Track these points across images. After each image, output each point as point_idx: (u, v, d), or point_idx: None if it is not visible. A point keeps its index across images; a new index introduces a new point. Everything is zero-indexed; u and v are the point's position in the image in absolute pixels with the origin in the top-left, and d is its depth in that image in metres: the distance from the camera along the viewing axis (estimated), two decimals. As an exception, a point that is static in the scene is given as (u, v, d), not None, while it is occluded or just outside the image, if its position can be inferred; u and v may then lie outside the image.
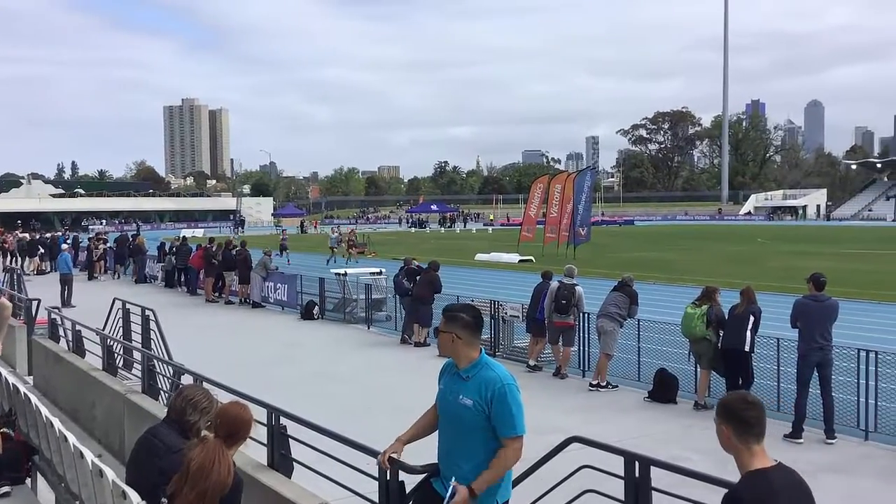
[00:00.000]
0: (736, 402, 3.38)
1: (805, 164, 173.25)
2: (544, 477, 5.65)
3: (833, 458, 9.33)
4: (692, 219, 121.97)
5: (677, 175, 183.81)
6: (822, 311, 10.16)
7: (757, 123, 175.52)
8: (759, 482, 3.20)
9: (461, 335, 4.49)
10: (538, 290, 14.54)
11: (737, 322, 11.17)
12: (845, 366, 10.52)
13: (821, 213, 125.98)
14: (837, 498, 7.91)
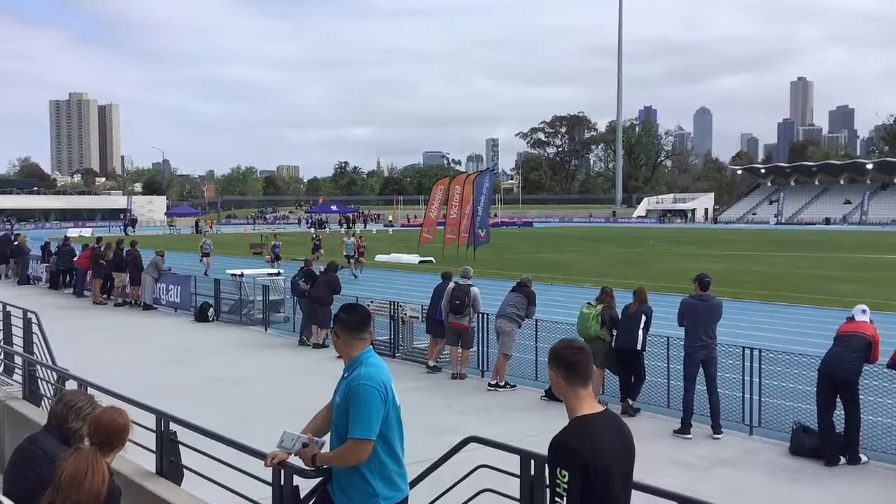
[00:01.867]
0: (563, 347, 3.49)
1: (694, 168, 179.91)
2: (442, 477, 5.63)
3: (721, 453, 9.66)
4: (588, 221, 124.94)
5: (574, 178, 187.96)
6: (707, 310, 10.52)
7: (649, 129, 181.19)
8: (583, 426, 3.30)
9: (339, 334, 4.48)
10: (438, 291, 14.56)
11: (629, 322, 11.46)
12: (731, 363, 10.93)
13: (708, 216, 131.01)
14: (728, 491, 8.19)
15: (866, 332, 9.39)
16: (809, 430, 9.50)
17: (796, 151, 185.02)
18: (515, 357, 13.31)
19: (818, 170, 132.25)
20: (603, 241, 63.94)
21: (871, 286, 27.84)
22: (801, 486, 8.53)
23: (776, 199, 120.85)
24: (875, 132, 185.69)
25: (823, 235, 74.42)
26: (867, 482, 8.64)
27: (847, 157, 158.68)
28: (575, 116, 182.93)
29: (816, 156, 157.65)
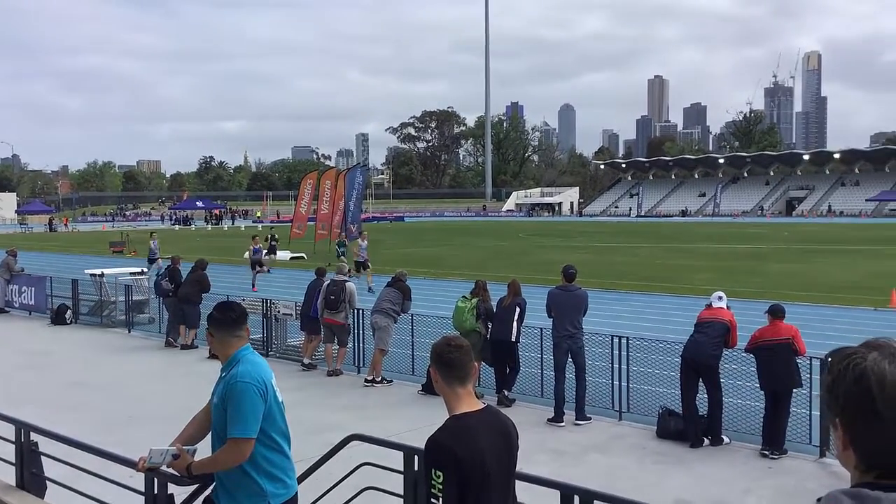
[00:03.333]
0: (441, 345, 3.48)
1: (560, 163, 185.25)
2: (324, 476, 5.54)
3: (593, 439, 9.97)
4: (459, 215, 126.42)
5: (444, 172, 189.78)
6: (572, 300, 10.83)
7: (516, 125, 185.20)
8: (459, 425, 3.30)
9: (214, 333, 4.40)
10: (312, 288, 14.36)
11: (504, 314, 11.65)
12: (600, 351, 11.29)
13: (574, 210, 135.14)
14: (599, 475, 8.45)
15: (724, 318, 9.92)
16: (675, 413, 9.94)
17: (654, 147, 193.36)
18: (392, 352, 13.29)
19: (674, 164, 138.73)
20: (474, 234, 64.80)
21: (726, 274, 29.42)
22: (668, 467, 8.90)
23: (636, 193, 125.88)
24: (726, 128, 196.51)
25: (680, 227, 78.13)
26: (729, 461, 9.12)
27: (701, 153, 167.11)
28: (444, 112, 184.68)
29: (672, 151, 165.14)
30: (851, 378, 1.64)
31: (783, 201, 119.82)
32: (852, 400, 1.64)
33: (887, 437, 1.60)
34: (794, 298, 20.90)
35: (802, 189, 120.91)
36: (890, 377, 1.60)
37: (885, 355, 1.64)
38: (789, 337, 9.38)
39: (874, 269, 31.67)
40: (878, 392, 1.60)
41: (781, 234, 59.77)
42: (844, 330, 17.23)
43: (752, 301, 18.40)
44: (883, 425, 1.60)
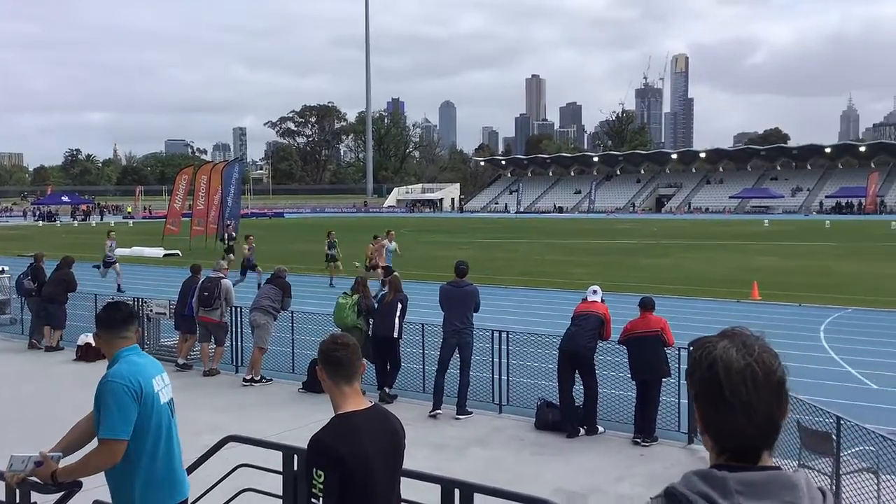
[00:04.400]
0: (327, 343, 3.45)
1: (441, 160, 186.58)
2: (200, 480, 5.37)
3: (473, 432, 10.08)
4: (340, 211, 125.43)
5: (325, 168, 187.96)
6: (461, 296, 10.93)
7: (398, 121, 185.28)
8: (343, 424, 3.27)
9: (100, 333, 4.26)
10: (186, 286, 13.93)
11: (386, 310, 11.63)
12: (481, 346, 11.43)
13: (455, 206, 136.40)
14: (480, 468, 8.55)
15: (599, 312, 10.23)
16: (552, 405, 10.18)
17: (532, 144, 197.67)
18: (271, 350, 13.05)
19: (552, 162, 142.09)
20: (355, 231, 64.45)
21: (601, 268, 30.35)
22: (546, 458, 9.10)
23: (516, 189, 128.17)
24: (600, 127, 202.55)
25: (558, 223, 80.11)
26: (603, 450, 9.40)
27: (576, 151, 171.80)
28: (325, 106, 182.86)
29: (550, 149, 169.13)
30: (704, 365, 1.72)
31: (653, 198, 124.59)
32: (704, 386, 1.72)
33: (734, 422, 1.68)
34: (663, 291, 21.74)
35: (671, 186, 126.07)
36: (735, 364, 1.68)
37: (735, 343, 1.72)
38: (658, 329, 9.76)
39: (738, 263, 33.37)
40: (725, 379, 1.68)
41: (652, 230, 62.18)
42: (710, 321, 18.06)
43: (626, 294, 19.04)
44: (730, 410, 1.68)
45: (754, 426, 1.66)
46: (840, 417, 6.75)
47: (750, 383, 1.65)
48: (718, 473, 1.66)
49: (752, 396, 1.65)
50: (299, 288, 16.97)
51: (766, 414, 1.66)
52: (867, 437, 6.68)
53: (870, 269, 30.31)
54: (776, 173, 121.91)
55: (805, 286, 24.31)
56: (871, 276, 27.71)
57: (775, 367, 1.68)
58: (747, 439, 1.68)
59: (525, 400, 10.80)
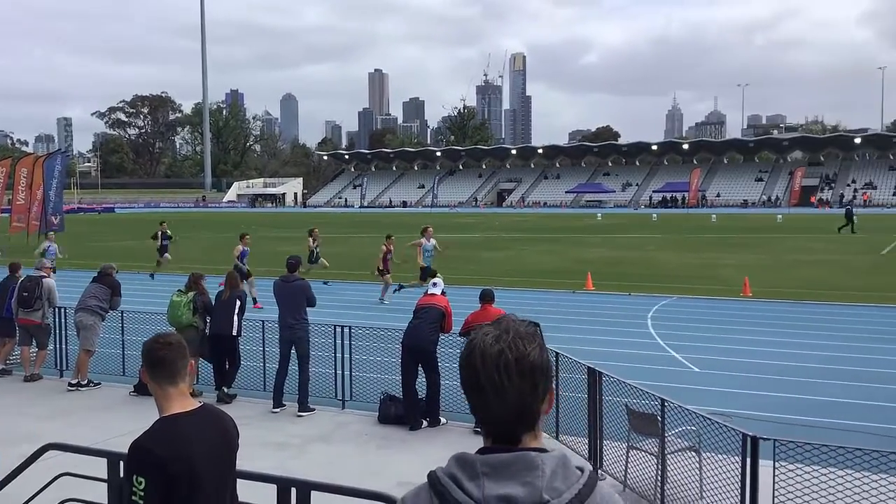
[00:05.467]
0: (150, 342, 3.30)
1: (282, 154, 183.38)
2: (17, 492, 5.00)
3: (316, 429, 9.94)
4: (176, 206, 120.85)
5: (160, 161, 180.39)
6: (292, 291, 10.75)
7: (237, 113, 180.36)
8: (167, 427, 3.14)
9: None
10: (4, 286, 12.96)
11: (224, 307, 11.27)
12: (323, 342, 11.29)
13: (298, 201, 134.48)
14: (323, 465, 8.44)
15: (440, 305, 10.35)
16: (395, 398, 10.20)
17: (375, 139, 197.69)
18: (99, 352, 12.35)
19: (395, 156, 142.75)
20: (193, 226, 62.26)
21: (443, 262, 30.68)
22: (389, 451, 9.11)
23: (360, 184, 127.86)
24: (442, 123, 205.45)
25: (402, 217, 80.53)
26: (446, 441, 9.51)
27: (420, 146, 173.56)
28: (158, 97, 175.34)
29: (393, 143, 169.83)
30: (465, 353, 1.78)
31: (495, 192, 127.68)
32: (463, 372, 1.78)
33: (489, 406, 1.73)
34: (503, 284, 22.31)
35: (511, 181, 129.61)
36: (489, 350, 1.73)
37: (495, 332, 1.76)
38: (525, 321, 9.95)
39: (573, 255, 34.70)
40: (480, 364, 1.73)
41: (493, 224, 63.67)
42: (547, 312, 18.69)
43: (467, 287, 19.36)
44: (485, 395, 1.73)
45: (507, 409, 1.71)
46: (665, 400, 7.11)
47: (502, 368, 1.70)
48: (470, 456, 1.72)
49: (503, 381, 1.70)
50: (131, 286, 16.19)
51: (517, 398, 1.70)
52: (690, 418, 7.08)
53: (693, 259, 32.31)
54: (608, 169, 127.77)
55: (634, 276, 25.59)
56: (694, 265, 29.53)
57: (528, 353, 1.72)
58: (503, 423, 1.73)
59: (368, 395, 10.77)
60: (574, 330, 16.57)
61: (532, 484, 1.64)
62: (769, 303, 19.99)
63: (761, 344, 14.75)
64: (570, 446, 8.73)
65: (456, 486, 1.69)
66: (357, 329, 11.38)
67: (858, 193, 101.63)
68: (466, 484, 1.68)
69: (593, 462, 8.18)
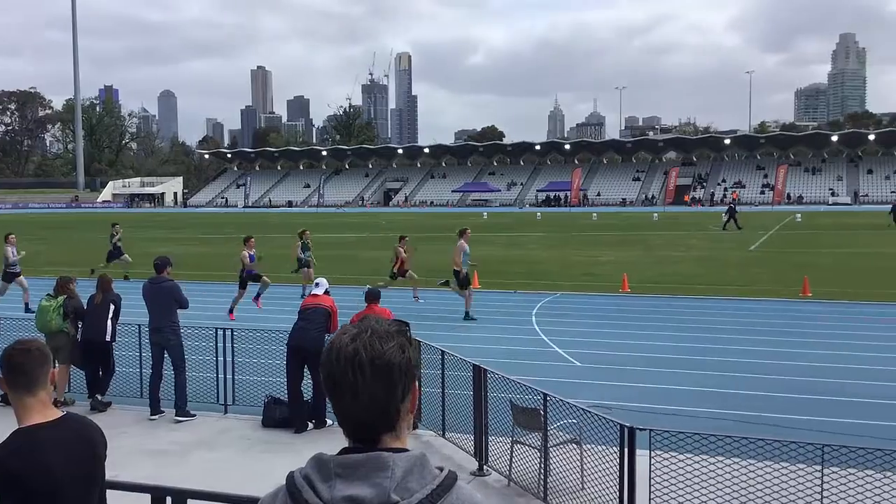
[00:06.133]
0: (8, 348, 3.13)
1: (161, 152, 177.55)
2: None
3: (197, 436, 9.65)
4: (47, 207, 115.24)
5: (28, 160, 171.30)
6: (160, 293, 10.42)
7: (111, 109, 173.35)
8: (22, 440, 2.98)
9: None
10: None
11: (97, 312, 10.80)
12: (203, 345, 10.98)
13: (178, 201, 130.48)
14: (203, 472, 8.20)
15: (326, 305, 10.23)
16: (280, 401, 10.02)
17: (259, 137, 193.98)
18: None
19: (280, 155, 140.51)
20: (66, 228, 59.53)
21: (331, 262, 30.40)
22: (273, 455, 8.93)
23: (243, 184, 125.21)
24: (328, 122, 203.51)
25: (288, 217, 79.34)
26: (332, 443, 9.30)
27: (305, 145, 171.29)
28: (26, 92, 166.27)
29: (278, 142, 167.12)
30: (324, 353, 1.76)
31: (381, 192, 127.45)
32: (323, 373, 1.75)
33: (346, 406, 1.72)
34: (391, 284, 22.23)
35: (398, 181, 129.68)
36: (344, 350, 1.72)
37: (353, 331, 1.75)
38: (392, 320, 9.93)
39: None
40: (335, 364, 1.72)
41: (380, 223, 63.53)
42: (431, 311, 18.78)
43: (353, 287, 19.25)
44: (342, 394, 1.71)
45: (362, 409, 1.70)
46: (547, 394, 7.25)
47: (357, 368, 1.69)
48: (327, 457, 1.71)
49: (358, 380, 1.69)
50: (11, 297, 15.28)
51: (372, 397, 1.69)
52: (571, 411, 7.24)
53: (576, 256, 33.15)
54: (493, 168, 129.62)
55: (519, 274, 26.05)
56: (576, 263, 30.30)
57: (384, 352, 1.70)
58: (360, 423, 1.72)
59: (252, 398, 10.53)
60: (460, 328, 16.72)
61: (380, 485, 1.64)
62: (646, 297, 20.72)
63: (640, 337, 15.28)
64: (455, 443, 8.79)
65: (309, 487, 1.67)
66: (240, 331, 11.12)
67: (728, 192, 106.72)
68: (319, 485, 1.67)
69: (479, 458, 8.26)
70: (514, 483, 7.79)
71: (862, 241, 39.53)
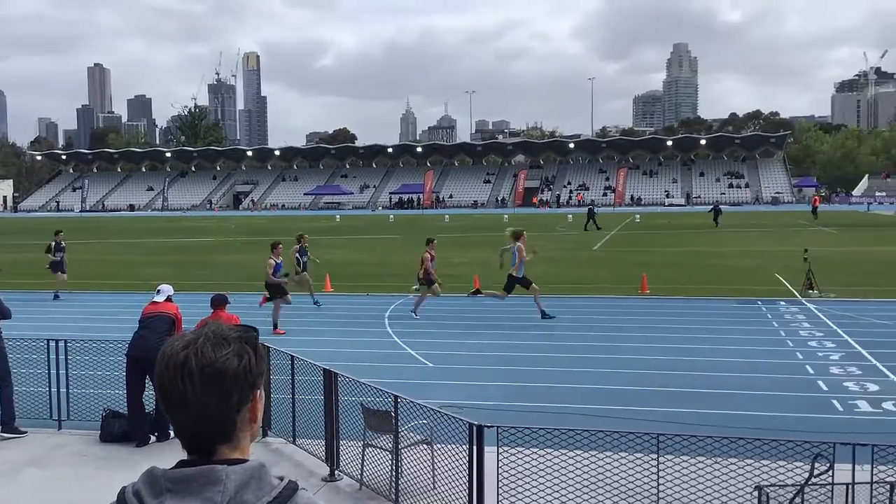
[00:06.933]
0: None
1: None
2: None
3: (28, 454, 9.05)
4: None
5: None
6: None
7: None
8: None
9: None
10: None
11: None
12: (33, 358, 10.31)
13: (8, 205, 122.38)
14: (34, 491, 7.72)
15: (169, 312, 9.84)
16: (119, 414, 9.54)
17: (97, 138, 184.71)
18: None
19: (120, 157, 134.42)
20: None
21: (175, 268, 29.34)
22: (112, 471, 8.48)
23: (80, 186, 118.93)
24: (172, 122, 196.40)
25: (129, 221, 75.98)
26: (176, 456, 8.91)
27: (147, 146, 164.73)
28: None
29: (118, 143, 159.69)
30: (157, 363, 1.69)
31: (230, 195, 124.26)
32: (156, 382, 1.69)
33: (177, 416, 1.65)
34: (239, 288, 21.72)
35: (248, 184, 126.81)
36: (174, 358, 1.65)
37: (187, 338, 1.68)
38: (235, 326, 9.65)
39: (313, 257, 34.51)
40: (165, 372, 1.66)
41: (229, 227, 61.88)
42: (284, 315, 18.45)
43: (201, 293, 18.60)
44: (172, 404, 1.65)
45: (193, 420, 1.64)
46: (398, 396, 7.25)
47: (187, 376, 1.62)
48: (158, 471, 1.64)
49: (187, 389, 1.61)
50: None
51: (203, 407, 1.62)
52: (422, 412, 7.28)
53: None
54: (346, 171, 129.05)
55: (373, 276, 26.02)
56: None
57: (217, 359, 1.62)
58: (192, 434, 1.66)
59: (89, 412, 9.97)
60: (312, 332, 16.51)
61: (211, 499, 1.57)
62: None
63: (489, 337, 15.58)
64: (306, 450, 8.66)
65: (139, 503, 1.60)
66: (75, 342, 10.51)
67: (573, 194, 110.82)
68: (149, 501, 1.59)
69: (330, 463, 8.17)
70: (365, 486, 7.75)
71: (692, 240, 42.03)
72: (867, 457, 5.82)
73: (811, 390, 11.32)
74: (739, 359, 13.40)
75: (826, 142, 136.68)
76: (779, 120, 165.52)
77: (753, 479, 6.08)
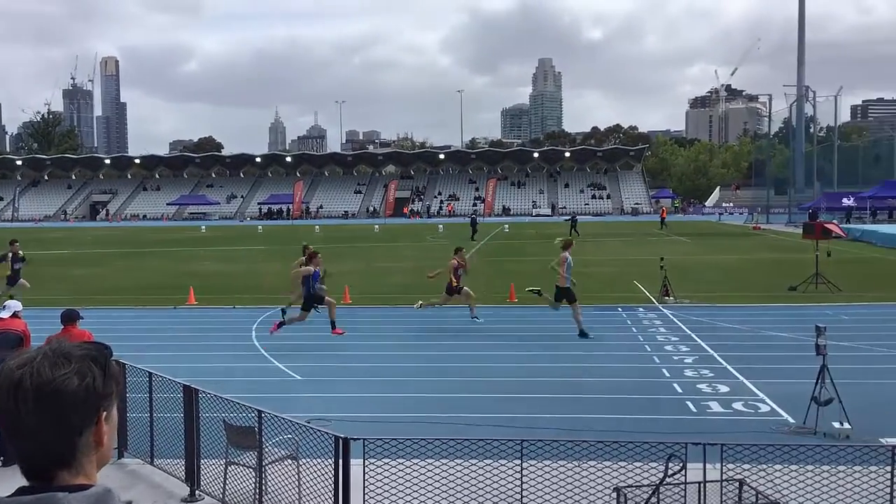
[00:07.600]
0: None
1: None
2: None
3: None
4: None
5: None
6: None
7: None
8: None
9: None
10: None
11: None
12: None
13: None
14: None
15: (17, 329, 9.33)
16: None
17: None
18: None
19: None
20: None
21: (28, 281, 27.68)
22: None
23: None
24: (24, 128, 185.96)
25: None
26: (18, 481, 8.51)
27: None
28: None
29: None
30: None
31: (87, 205, 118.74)
32: None
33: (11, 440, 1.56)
34: (97, 303, 20.77)
35: (106, 193, 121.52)
36: (9, 378, 1.55)
37: (26, 356, 1.59)
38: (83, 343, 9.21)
39: (175, 269, 33.45)
40: None
41: (86, 238, 59.07)
42: (146, 330, 17.77)
43: (53, 308, 17.66)
44: (7, 430, 1.56)
45: (28, 444, 1.55)
46: (261, 411, 7.10)
47: (21, 397, 1.52)
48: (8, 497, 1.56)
49: (20, 410, 1.52)
50: None
51: (37, 430, 1.53)
52: (287, 427, 7.15)
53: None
54: (212, 181, 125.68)
55: (240, 288, 25.40)
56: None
57: (53, 379, 1.54)
58: (28, 458, 1.57)
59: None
60: (175, 347, 15.96)
61: None
62: (366, 308, 21.09)
63: (359, 348, 15.49)
64: (165, 470, 8.34)
65: None
66: None
67: (444, 204, 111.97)
68: None
69: (191, 483, 7.90)
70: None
71: (559, 250, 43.22)
72: (717, 456, 6.13)
73: (667, 392, 11.84)
74: (600, 364, 13.88)
75: (681, 155, 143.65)
76: (637, 134, 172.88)
77: (612, 480, 6.29)
